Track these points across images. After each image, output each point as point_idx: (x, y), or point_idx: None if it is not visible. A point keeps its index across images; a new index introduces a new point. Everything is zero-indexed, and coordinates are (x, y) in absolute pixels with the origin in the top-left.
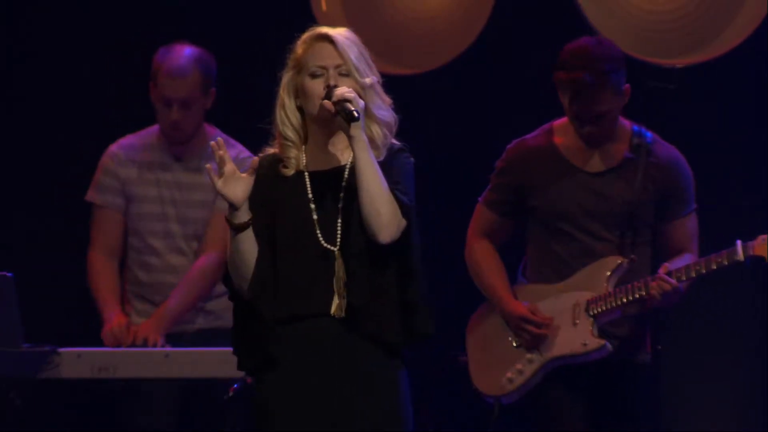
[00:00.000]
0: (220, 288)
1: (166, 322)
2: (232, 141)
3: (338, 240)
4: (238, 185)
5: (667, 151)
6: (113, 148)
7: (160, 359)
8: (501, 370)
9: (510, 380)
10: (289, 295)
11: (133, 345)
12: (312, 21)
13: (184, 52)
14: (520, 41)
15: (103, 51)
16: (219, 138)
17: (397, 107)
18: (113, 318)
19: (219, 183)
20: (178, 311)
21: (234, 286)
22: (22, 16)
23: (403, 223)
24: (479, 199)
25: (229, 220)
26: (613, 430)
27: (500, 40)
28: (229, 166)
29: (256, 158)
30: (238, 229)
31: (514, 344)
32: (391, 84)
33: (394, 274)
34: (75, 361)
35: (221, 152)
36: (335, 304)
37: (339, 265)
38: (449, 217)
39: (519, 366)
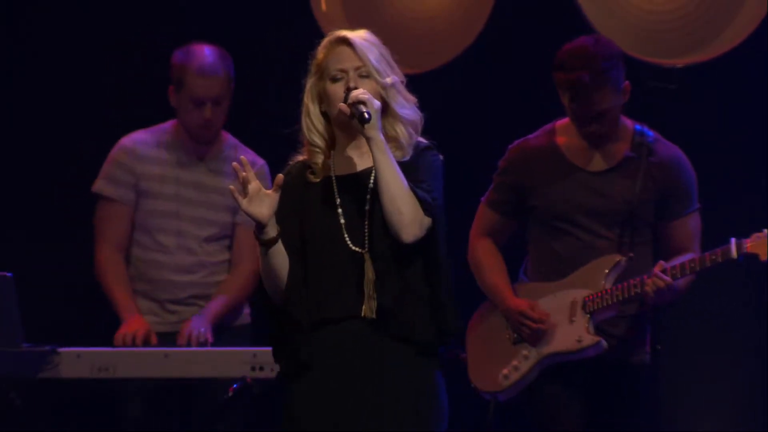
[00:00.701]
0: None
1: (210, 322)
2: (244, 147)
3: (366, 242)
4: (263, 203)
5: (669, 150)
6: (127, 142)
7: (160, 359)
8: (497, 366)
9: (506, 376)
10: (321, 299)
11: (134, 345)
12: (312, 21)
13: (209, 51)
14: (520, 41)
15: (103, 51)
16: (242, 157)
17: None
18: (133, 322)
19: (244, 203)
20: (220, 315)
21: (268, 295)
22: (22, 16)
23: (427, 221)
24: (482, 199)
25: (257, 237)
26: (612, 429)
27: (500, 40)
28: (254, 185)
29: (280, 175)
30: (268, 244)
31: (512, 341)
32: None
33: (422, 272)
34: (75, 361)
35: (244, 174)
36: (366, 306)
37: (368, 267)
38: (449, 217)
39: (515, 362)
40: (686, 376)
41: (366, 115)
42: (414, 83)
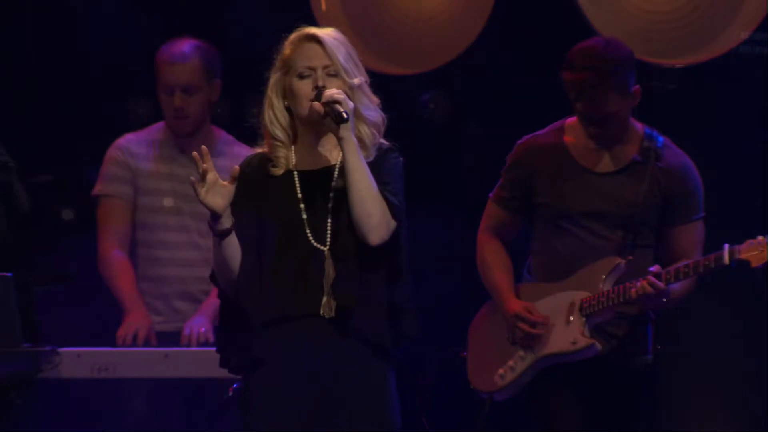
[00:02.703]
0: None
1: (211, 322)
2: (240, 143)
3: (328, 240)
4: (219, 194)
5: (677, 156)
6: (121, 141)
7: (160, 359)
8: (494, 366)
9: (502, 376)
10: (279, 295)
11: (135, 344)
12: (312, 21)
13: (185, 42)
14: (520, 41)
15: (103, 50)
16: (203, 147)
17: (397, 107)
18: (135, 318)
19: (201, 193)
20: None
21: (221, 287)
22: (22, 16)
23: (393, 224)
24: (490, 195)
25: (211, 228)
26: (613, 429)
27: (500, 39)
28: (212, 176)
29: (236, 167)
30: (221, 235)
31: (510, 341)
32: (391, 84)
33: (382, 274)
34: (75, 361)
35: (205, 165)
36: (324, 304)
37: (329, 265)
38: (450, 217)
39: (511, 363)
40: (686, 376)
41: (344, 115)
42: (415, 83)
